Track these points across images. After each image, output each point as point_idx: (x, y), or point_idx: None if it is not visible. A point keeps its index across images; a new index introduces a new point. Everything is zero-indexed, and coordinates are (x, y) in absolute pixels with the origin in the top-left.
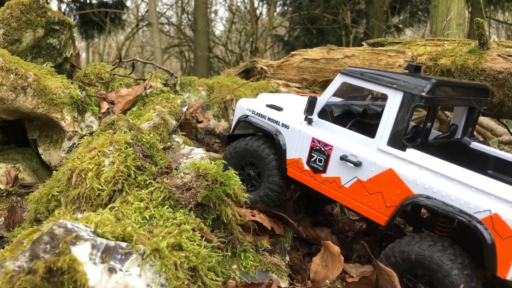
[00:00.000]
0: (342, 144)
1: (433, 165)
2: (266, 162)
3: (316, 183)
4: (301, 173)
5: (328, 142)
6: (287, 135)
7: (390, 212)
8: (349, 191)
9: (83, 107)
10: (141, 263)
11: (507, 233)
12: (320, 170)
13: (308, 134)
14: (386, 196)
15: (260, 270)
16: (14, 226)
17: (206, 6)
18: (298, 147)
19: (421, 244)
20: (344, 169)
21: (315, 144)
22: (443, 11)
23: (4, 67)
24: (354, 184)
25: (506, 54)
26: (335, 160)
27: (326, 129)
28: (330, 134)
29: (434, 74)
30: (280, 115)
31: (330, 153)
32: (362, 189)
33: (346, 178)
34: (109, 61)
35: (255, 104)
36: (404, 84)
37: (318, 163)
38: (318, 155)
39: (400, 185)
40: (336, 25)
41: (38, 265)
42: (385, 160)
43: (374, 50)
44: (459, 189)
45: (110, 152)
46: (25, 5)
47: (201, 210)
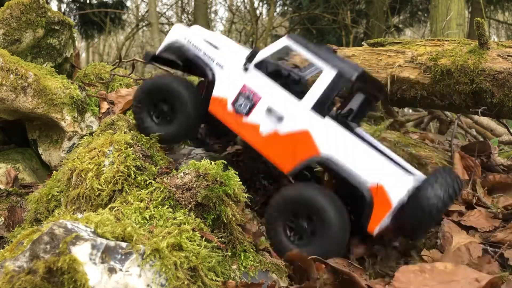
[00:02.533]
0: (271, 97)
1: (342, 135)
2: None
3: (235, 123)
4: (223, 112)
5: (258, 93)
6: (218, 74)
7: (295, 164)
8: (264, 139)
9: (83, 107)
10: (141, 263)
11: (385, 200)
12: (243, 113)
13: (241, 79)
14: (297, 150)
15: (260, 270)
16: (14, 226)
17: (206, 6)
18: (227, 88)
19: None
20: (266, 119)
21: (245, 90)
22: (443, 11)
23: (4, 67)
24: (271, 134)
25: (506, 54)
26: (259, 109)
27: (259, 80)
28: (262, 86)
29: (433, 74)
30: (216, 53)
31: (256, 102)
32: (277, 139)
33: (265, 127)
34: (109, 61)
35: (192, 34)
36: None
37: (243, 107)
38: (244, 101)
39: (311, 145)
40: (336, 25)
41: (38, 265)
42: (305, 121)
43: (374, 50)
44: (358, 159)
45: (110, 152)
46: (25, 5)
47: (201, 210)
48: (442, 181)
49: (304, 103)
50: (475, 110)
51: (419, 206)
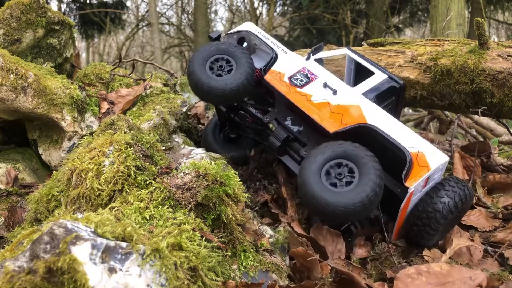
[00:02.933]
0: (327, 78)
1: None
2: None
3: (287, 91)
4: (278, 82)
5: (316, 74)
6: (281, 55)
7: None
8: (315, 105)
9: (83, 107)
10: (141, 263)
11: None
12: (297, 85)
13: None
14: (345, 116)
15: (260, 270)
16: (14, 226)
17: (206, 6)
18: (287, 66)
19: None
20: (320, 91)
21: (304, 70)
22: (443, 11)
23: (4, 67)
24: (322, 103)
25: (506, 54)
26: (314, 84)
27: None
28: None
29: (433, 74)
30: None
31: (312, 79)
32: (327, 106)
33: (317, 97)
34: (109, 61)
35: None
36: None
37: (299, 81)
38: (301, 77)
39: (360, 114)
40: (336, 25)
41: (38, 265)
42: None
43: (374, 50)
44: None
45: (110, 152)
46: (25, 5)
47: (201, 210)
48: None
49: (357, 89)
50: (475, 110)
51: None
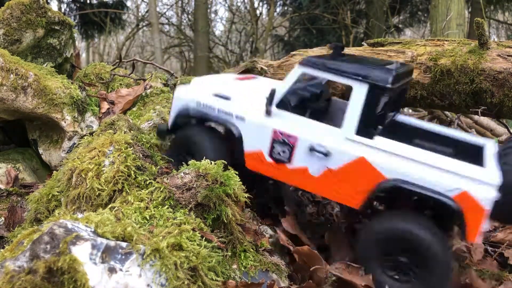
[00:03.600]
0: (307, 135)
1: (401, 150)
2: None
3: (280, 173)
4: (262, 165)
5: (292, 134)
6: (242, 127)
7: (363, 197)
8: (318, 180)
9: (83, 107)
10: (141, 263)
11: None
12: (284, 161)
13: (268, 126)
14: (358, 182)
15: (260, 270)
16: (14, 226)
17: (206, 6)
18: (258, 139)
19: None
20: (312, 159)
21: (278, 136)
22: (443, 11)
23: (4, 67)
24: (324, 174)
25: (506, 54)
26: (300, 151)
27: (287, 120)
28: (293, 125)
29: (433, 74)
30: (231, 105)
31: (294, 144)
32: (332, 177)
33: (314, 168)
34: (109, 61)
35: (198, 94)
36: (367, 76)
37: (283, 154)
38: (281, 147)
39: (372, 172)
40: (336, 25)
41: (38, 265)
42: (355, 149)
43: (374, 50)
44: (429, 171)
45: (110, 152)
46: (25, 5)
47: (201, 210)
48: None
49: (346, 129)
50: (475, 110)
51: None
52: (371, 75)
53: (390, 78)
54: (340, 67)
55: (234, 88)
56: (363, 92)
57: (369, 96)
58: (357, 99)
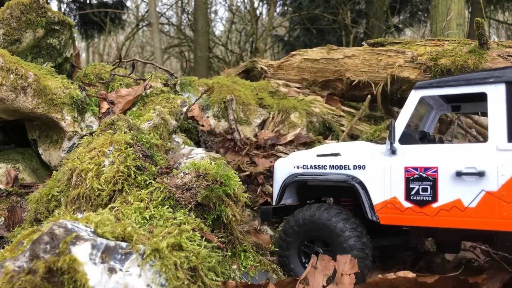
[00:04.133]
0: (447, 161)
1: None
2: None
3: (427, 217)
4: (401, 214)
5: (429, 165)
6: (365, 176)
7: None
8: (477, 211)
9: (83, 107)
10: (141, 263)
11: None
12: (428, 201)
13: (397, 165)
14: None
15: (260, 270)
16: (14, 226)
17: (206, 6)
18: (387, 185)
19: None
20: (463, 187)
21: (412, 173)
22: (443, 11)
23: (4, 67)
24: (483, 199)
25: (506, 54)
26: (445, 181)
27: (417, 152)
28: (426, 156)
29: (433, 74)
30: (343, 159)
31: (436, 177)
32: (496, 201)
33: (469, 197)
34: (109, 61)
35: (301, 159)
36: (500, 75)
37: (423, 193)
38: (420, 184)
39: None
40: (336, 25)
41: (38, 265)
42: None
43: (374, 50)
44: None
45: (110, 152)
46: (25, 5)
47: (201, 210)
48: None
49: (494, 140)
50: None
51: None
52: (505, 74)
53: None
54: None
55: (337, 148)
56: (501, 93)
57: (509, 95)
58: (496, 103)
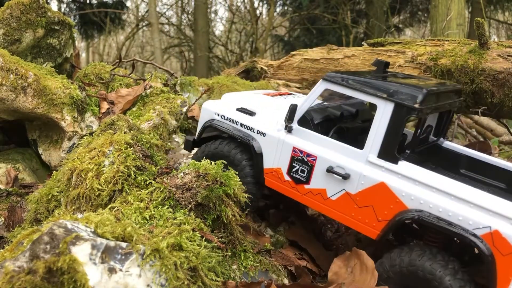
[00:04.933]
0: (327, 154)
1: (428, 179)
2: (238, 169)
3: (298, 194)
4: (281, 184)
5: (312, 152)
6: (263, 143)
7: (382, 226)
8: (336, 204)
9: (83, 107)
10: (141, 263)
11: (508, 250)
12: (302, 181)
13: (288, 143)
14: (378, 210)
15: (260, 270)
16: (14, 226)
17: (206, 6)
18: (277, 156)
19: (411, 254)
20: (331, 181)
21: (297, 154)
22: (443, 11)
23: (4, 67)
24: (342, 197)
25: (506, 54)
26: (319, 171)
27: (308, 138)
28: (313, 144)
29: (434, 74)
30: (254, 120)
31: (314, 164)
32: (351, 202)
33: (332, 191)
34: (109, 61)
35: (223, 107)
36: (394, 93)
37: (301, 173)
38: (300, 166)
39: (393, 199)
40: (336, 25)
41: (38, 265)
42: (376, 173)
43: (374, 50)
44: (456, 204)
45: (110, 152)
46: (25, 5)
47: (201, 210)
48: None
49: (367, 152)
50: (475, 110)
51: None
52: (398, 93)
53: (420, 97)
54: (364, 84)
55: (261, 104)
56: (388, 111)
57: (394, 116)
58: (381, 118)
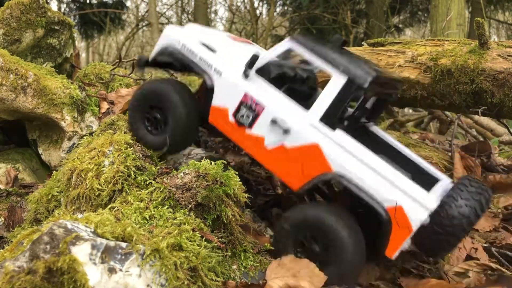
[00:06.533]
0: (275, 107)
1: (356, 150)
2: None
3: (238, 136)
4: (224, 124)
5: (261, 102)
6: (217, 81)
7: (305, 181)
8: (270, 153)
9: (83, 107)
10: (141, 263)
11: (404, 224)
12: (245, 125)
13: (242, 87)
14: (305, 166)
15: (260, 270)
16: (14, 226)
17: (206, 6)
18: (227, 97)
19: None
20: (271, 131)
21: (247, 99)
22: (443, 11)
23: (4, 67)
24: (277, 148)
25: (506, 54)
26: (263, 120)
27: (262, 88)
28: (265, 94)
29: (434, 74)
30: (213, 57)
31: (260, 113)
32: (284, 154)
33: (270, 140)
34: (109, 61)
35: (186, 37)
36: (350, 69)
37: (245, 118)
38: (246, 111)
39: (321, 160)
40: (336, 25)
41: (38, 265)
42: (313, 134)
43: (374, 50)
44: (374, 177)
45: (110, 152)
46: (25, 5)
47: (201, 210)
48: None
49: (312, 114)
50: (475, 110)
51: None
52: (353, 70)
53: (369, 79)
54: (327, 54)
55: (223, 44)
56: (340, 83)
57: (344, 88)
58: (332, 88)
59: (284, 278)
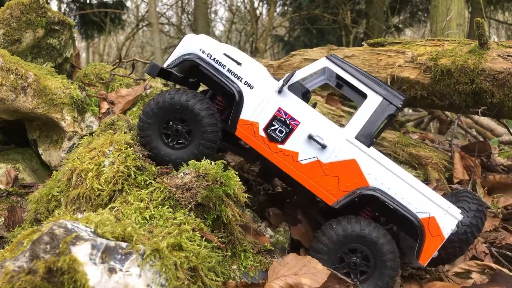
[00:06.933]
0: (310, 123)
1: (390, 165)
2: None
3: (268, 151)
4: (253, 137)
5: (296, 117)
6: (248, 94)
7: (341, 196)
8: (304, 168)
9: (83, 107)
10: (141, 263)
11: (436, 233)
12: (277, 140)
13: (275, 102)
14: (342, 181)
15: (260, 270)
16: (14, 226)
17: (206, 6)
18: (258, 111)
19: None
20: (306, 146)
21: (281, 114)
22: (443, 11)
23: (4, 67)
24: (312, 163)
25: (506, 54)
26: (298, 135)
27: (296, 104)
28: (299, 110)
29: (433, 74)
30: (242, 70)
31: (295, 128)
32: (319, 169)
33: (304, 155)
34: (109, 61)
35: (211, 47)
36: (384, 91)
37: (278, 133)
38: (280, 126)
39: (359, 175)
40: (336, 25)
41: (38, 265)
42: (351, 150)
43: (374, 50)
44: (408, 190)
45: (110, 152)
46: (25, 5)
47: (201, 210)
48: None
49: (348, 131)
50: (475, 110)
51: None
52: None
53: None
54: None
55: (244, 58)
56: (376, 103)
57: (379, 108)
58: (368, 107)
59: (285, 277)
